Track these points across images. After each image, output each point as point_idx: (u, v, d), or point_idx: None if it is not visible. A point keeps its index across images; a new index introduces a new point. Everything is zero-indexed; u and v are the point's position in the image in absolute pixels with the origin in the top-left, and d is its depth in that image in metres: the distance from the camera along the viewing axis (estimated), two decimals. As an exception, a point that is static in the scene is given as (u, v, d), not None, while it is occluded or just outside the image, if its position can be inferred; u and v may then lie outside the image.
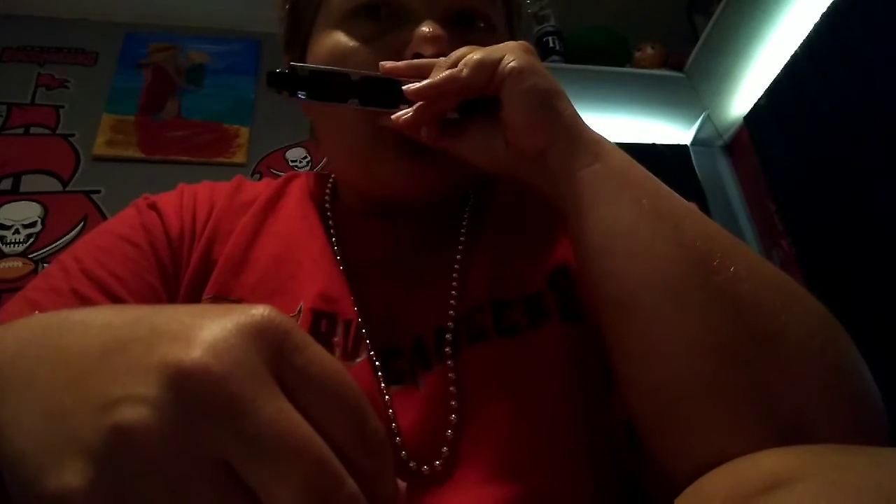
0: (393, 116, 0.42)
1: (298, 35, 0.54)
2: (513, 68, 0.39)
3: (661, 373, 0.33)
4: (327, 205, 0.56)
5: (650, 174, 0.39)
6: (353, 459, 0.21)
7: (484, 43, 0.48)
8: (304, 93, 0.42)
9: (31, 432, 0.20)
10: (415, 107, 0.41)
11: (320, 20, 0.51)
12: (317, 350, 0.22)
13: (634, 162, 0.40)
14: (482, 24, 0.50)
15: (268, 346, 0.21)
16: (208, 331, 0.20)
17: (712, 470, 0.28)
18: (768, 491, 0.23)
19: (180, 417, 0.19)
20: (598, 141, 0.40)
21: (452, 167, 0.47)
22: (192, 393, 0.19)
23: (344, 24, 0.49)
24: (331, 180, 0.59)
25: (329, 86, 0.43)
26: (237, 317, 0.21)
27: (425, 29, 0.45)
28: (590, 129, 0.41)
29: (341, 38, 0.48)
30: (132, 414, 0.19)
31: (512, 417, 0.41)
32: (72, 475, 0.18)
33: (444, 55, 0.44)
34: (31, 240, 1.52)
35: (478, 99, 0.41)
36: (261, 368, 0.20)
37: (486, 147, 0.42)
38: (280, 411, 0.19)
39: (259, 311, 0.21)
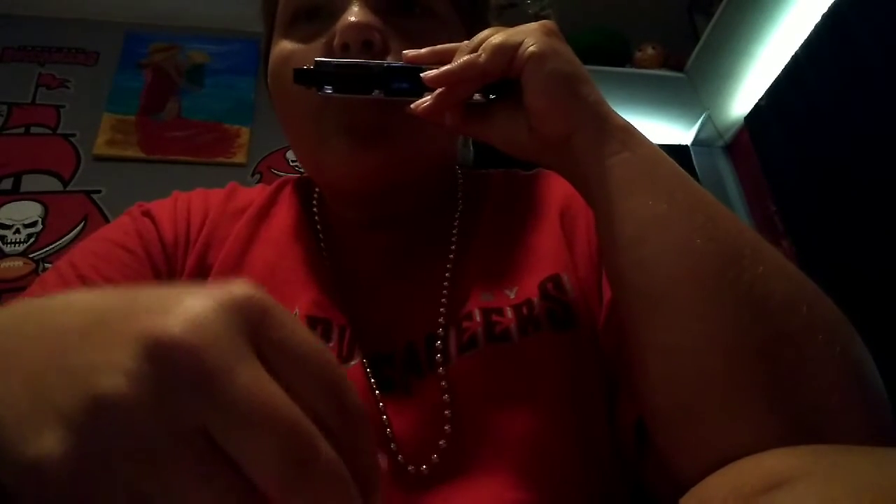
0: (413, 105, 0.41)
1: (267, 47, 0.54)
2: (532, 52, 0.38)
3: (683, 369, 0.32)
4: (315, 209, 0.56)
5: (678, 165, 0.38)
6: (333, 431, 0.21)
7: (424, 29, 0.48)
8: (329, 87, 0.42)
9: (12, 403, 0.20)
10: (434, 94, 0.41)
11: (274, 34, 0.52)
12: (296, 326, 0.22)
13: (663, 152, 0.39)
14: (418, 10, 0.49)
15: (247, 321, 0.21)
16: (188, 304, 0.20)
17: (718, 470, 0.28)
18: (769, 491, 0.23)
19: (157, 387, 0.19)
20: (626, 128, 0.39)
21: (400, 152, 0.47)
22: (169, 363, 0.19)
23: (287, 32, 0.50)
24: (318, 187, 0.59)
25: (353, 79, 0.43)
26: (217, 292, 0.21)
27: (350, 17, 0.45)
28: (617, 115, 0.40)
29: (285, 45, 0.49)
30: (110, 383, 0.19)
31: (505, 425, 0.40)
32: (50, 443, 0.19)
33: (375, 43, 0.44)
34: (32, 239, 1.52)
35: (503, 81, 0.40)
36: (239, 341, 0.20)
37: (509, 133, 0.41)
38: (256, 380, 0.19)
39: (239, 288, 0.21)
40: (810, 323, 0.31)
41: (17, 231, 1.53)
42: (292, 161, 1.80)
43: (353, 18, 0.44)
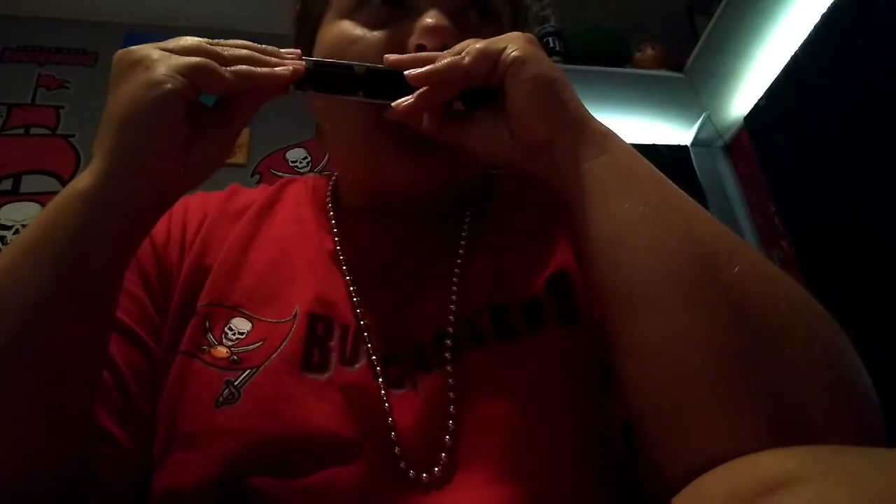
0: (394, 104, 0.41)
1: (305, 31, 0.54)
2: (515, 57, 0.38)
3: (663, 369, 0.32)
4: (329, 205, 0.55)
5: (656, 169, 0.39)
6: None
7: (490, 37, 0.48)
8: (310, 86, 0.42)
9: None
10: (416, 93, 0.41)
11: (328, 13, 0.51)
12: None
13: (641, 156, 0.39)
14: (488, 17, 0.50)
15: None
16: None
17: (710, 471, 0.28)
18: (767, 493, 0.23)
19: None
20: (606, 133, 0.40)
21: (454, 160, 0.47)
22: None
23: (350, 14, 0.49)
24: (331, 182, 0.59)
25: (335, 79, 0.43)
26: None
27: (429, 20, 0.45)
28: (597, 121, 0.40)
29: (346, 27, 0.48)
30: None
31: (510, 421, 0.40)
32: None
33: (449, 48, 0.44)
34: (32, 240, 1.52)
35: (483, 90, 0.41)
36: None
37: (490, 138, 0.42)
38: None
39: None
40: (789, 321, 0.31)
41: (17, 232, 1.53)
42: (292, 161, 1.80)
43: (432, 21, 0.45)
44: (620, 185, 0.37)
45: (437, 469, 0.40)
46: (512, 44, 0.39)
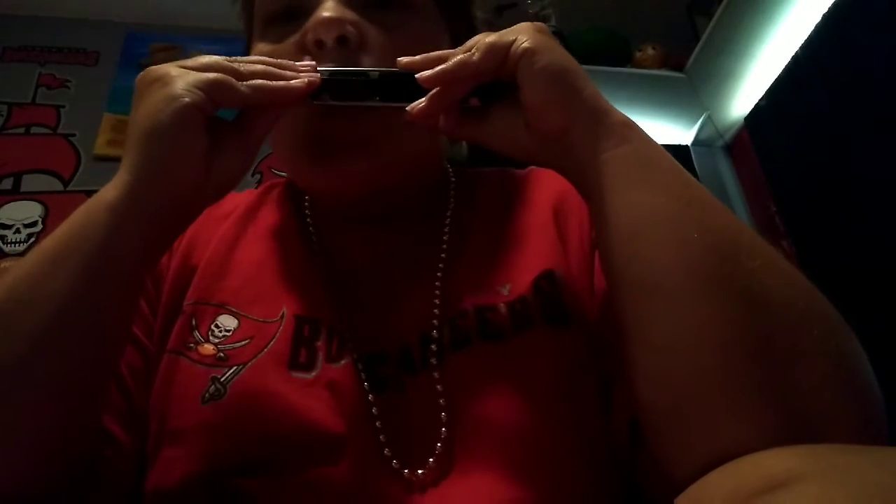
0: (408, 107, 0.41)
1: (247, 52, 0.55)
2: (526, 48, 0.38)
3: (678, 363, 0.32)
4: (307, 210, 0.56)
5: (675, 160, 0.38)
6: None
7: (405, 24, 0.48)
8: (327, 95, 0.42)
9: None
10: (428, 95, 0.41)
11: (252, 36, 0.52)
12: None
13: (661, 147, 0.39)
14: (395, 3, 0.49)
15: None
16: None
17: (714, 469, 0.28)
18: (769, 491, 0.23)
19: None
20: (626, 123, 0.39)
21: (372, 160, 0.46)
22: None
23: (264, 34, 0.50)
24: None
25: (350, 86, 0.43)
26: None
27: (322, 13, 0.44)
28: (615, 110, 0.40)
29: (261, 48, 0.49)
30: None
31: (501, 423, 0.40)
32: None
33: (350, 37, 0.44)
34: (32, 239, 1.52)
35: (497, 85, 0.40)
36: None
37: (507, 132, 0.41)
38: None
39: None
40: (806, 318, 0.31)
41: (18, 231, 1.53)
42: (292, 161, 1.80)
43: (325, 14, 0.44)
44: (642, 176, 0.37)
45: (427, 468, 0.40)
46: (521, 35, 0.39)
